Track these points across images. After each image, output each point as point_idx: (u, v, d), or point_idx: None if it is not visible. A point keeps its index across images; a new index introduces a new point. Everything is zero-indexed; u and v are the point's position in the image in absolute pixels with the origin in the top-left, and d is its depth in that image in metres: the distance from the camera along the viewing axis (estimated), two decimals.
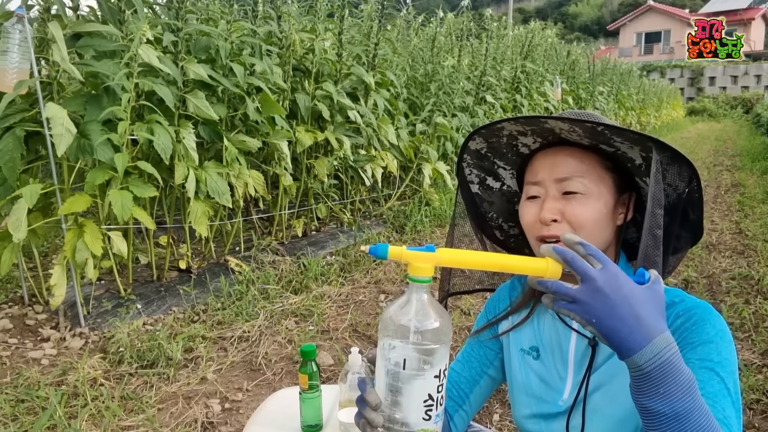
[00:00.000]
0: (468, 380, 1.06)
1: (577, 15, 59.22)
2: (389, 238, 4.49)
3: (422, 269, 0.69)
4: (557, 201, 0.87)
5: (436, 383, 0.69)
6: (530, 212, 0.89)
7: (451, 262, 0.71)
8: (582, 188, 0.86)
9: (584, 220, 0.85)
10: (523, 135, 0.92)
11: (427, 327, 0.68)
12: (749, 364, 2.52)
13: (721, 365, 0.78)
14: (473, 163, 1.02)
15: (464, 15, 6.43)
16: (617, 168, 0.90)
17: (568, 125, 0.83)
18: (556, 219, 0.86)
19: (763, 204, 6.00)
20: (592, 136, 0.85)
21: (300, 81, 3.91)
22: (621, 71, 14.28)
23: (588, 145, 0.88)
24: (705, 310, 0.85)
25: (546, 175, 0.88)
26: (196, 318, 2.97)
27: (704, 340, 0.80)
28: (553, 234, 0.86)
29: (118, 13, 2.80)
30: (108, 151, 2.55)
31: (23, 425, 2.00)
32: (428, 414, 0.70)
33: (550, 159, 0.89)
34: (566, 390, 0.93)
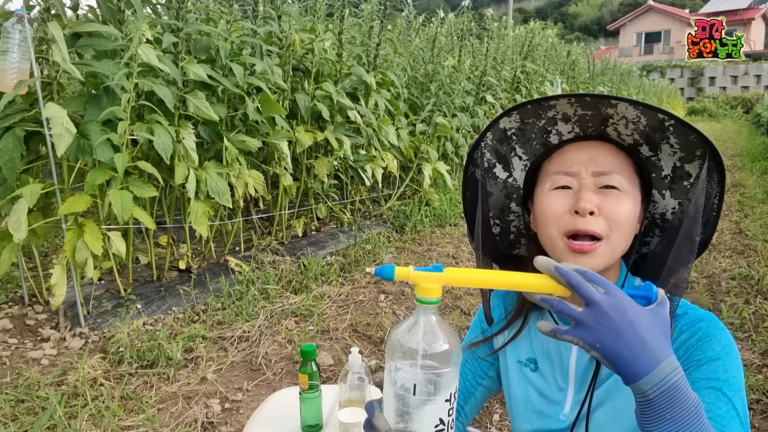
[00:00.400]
0: (462, 393, 1.03)
1: (577, 15, 59.21)
2: (389, 238, 4.49)
3: (430, 290, 0.67)
4: (594, 194, 0.82)
5: (446, 407, 0.66)
6: (560, 202, 0.83)
7: (459, 281, 0.69)
8: (620, 185, 0.82)
9: (621, 217, 0.81)
10: (565, 121, 0.86)
11: (436, 350, 0.66)
12: (749, 364, 2.52)
13: (728, 384, 0.76)
14: (491, 145, 0.93)
15: (465, 15, 6.43)
16: (642, 175, 0.87)
17: (636, 111, 0.78)
18: (594, 211, 0.80)
19: (763, 204, 6.00)
20: (650, 131, 0.81)
21: (300, 81, 3.91)
22: (621, 71, 14.29)
23: (626, 145, 0.85)
24: (710, 323, 0.82)
25: (582, 167, 0.83)
26: (196, 318, 2.97)
27: (710, 358, 0.78)
28: (589, 229, 0.80)
29: (117, 13, 2.80)
30: (108, 151, 2.55)
31: (23, 425, 2.00)
32: None
33: (588, 151, 0.84)
34: (567, 404, 0.90)
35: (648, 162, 0.86)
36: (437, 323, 0.67)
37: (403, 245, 4.39)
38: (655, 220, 0.93)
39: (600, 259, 0.81)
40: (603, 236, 0.81)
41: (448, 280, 0.68)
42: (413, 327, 0.67)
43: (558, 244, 0.84)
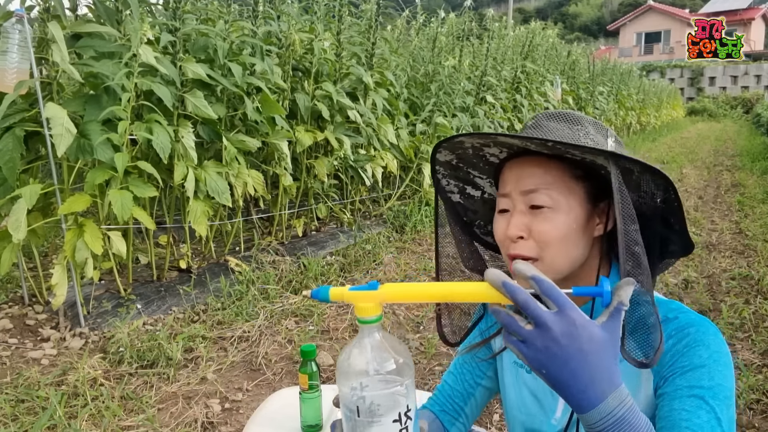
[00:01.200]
0: (461, 394, 1.03)
1: (577, 15, 59.21)
2: (389, 238, 4.49)
3: (368, 309, 0.65)
4: (524, 216, 0.81)
5: (396, 427, 0.64)
6: (500, 227, 0.84)
7: (396, 297, 0.67)
8: (549, 201, 0.80)
9: (550, 238, 0.79)
10: (487, 146, 0.86)
11: (383, 369, 0.64)
12: (749, 364, 2.52)
13: (712, 392, 0.74)
14: (448, 173, 0.95)
15: (465, 15, 6.43)
16: (589, 176, 0.83)
17: (520, 141, 0.77)
18: (522, 236, 0.80)
19: (763, 204, 6.00)
20: (550, 148, 0.79)
21: (299, 81, 3.91)
22: (621, 71, 14.28)
23: (552, 155, 0.82)
24: (699, 329, 0.80)
25: (512, 188, 0.82)
26: (196, 318, 2.97)
27: (696, 365, 0.76)
28: (519, 253, 0.80)
29: (115, 13, 2.80)
30: (108, 150, 2.55)
31: (23, 425, 2.00)
32: None
33: (517, 170, 0.83)
34: (559, 408, 0.89)
35: (585, 163, 0.82)
36: (381, 341, 0.65)
37: (403, 245, 4.39)
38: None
39: None
40: (537, 257, 0.80)
41: (384, 297, 0.65)
42: (358, 348, 0.66)
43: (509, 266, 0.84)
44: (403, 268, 3.83)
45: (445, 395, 1.05)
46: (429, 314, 3.13)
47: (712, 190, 7.09)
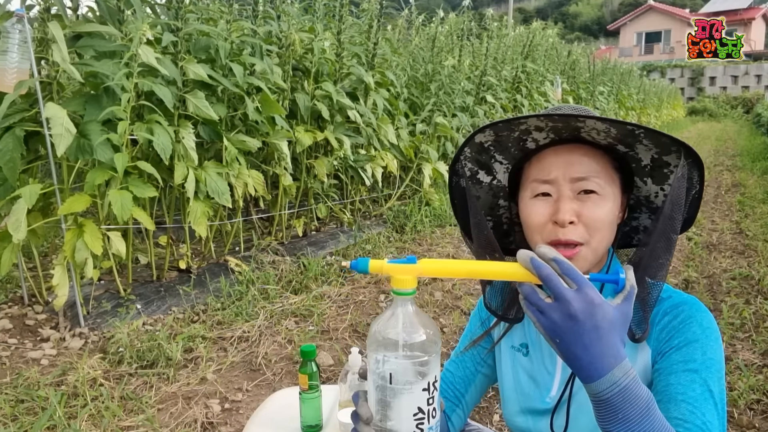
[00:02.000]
0: (463, 380, 1.06)
1: (577, 15, 59.19)
2: (389, 238, 4.49)
3: (405, 281, 0.68)
4: (573, 201, 0.83)
5: (425, 396, 0.68)
6: (540, 212, 0.85)
7: (433, 272, 0.70)
8: (599, 188, 0.83)
9: (601, 222, 0.83)
10: (539, 130, 0.87)
11: (414, 340, 0.68)
12: (749, 364, 2.52)
13: (705, 366, 0.79)
14: (471, 156, 0.96)
15: (465, 15, 6.43)
16: (622, 168, 0.89)
17: (605, 126, 0.80)
18: (573, 221, 0.83)
19: (763, 204, 6.00)
20: (621, 137, 0.82)
21: (300, 81, 3.91)
22: (621, 71, 14.28)
23: (603, 145, 0.86)
24: (692, 306, 0.85)
25: (560, 174, 0.84)
26: (195, 318, 2.97)
27: (689, 340, 0.81)
28: (569, 239, 0.83)
29: (117, 13, 2.80)
30: (108, 151, 2.55)
31: (23, 425, 2.00)
32: (419, 428, 0.69)
33: (564, 157, 0.85)
34: (554, 386, 0.93)
35: (626, 155, 0.88)
36: (414, 313, 0.69)
37: (403, 245, 4.39)
38: (641, 201, 0.96)
39: (583, 263, 0.84)
40: (584, 242, 0.83)
41: (422, 271, 0.69)
42: (391, 318, 0.69)
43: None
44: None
45: (447, 382, 1.07)
46: (429, 314, 3.13)
47: (712, 190, 7.09)
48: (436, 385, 0.69)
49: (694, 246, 4.44)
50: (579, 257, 0.83)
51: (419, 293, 3.44)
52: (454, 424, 1.05)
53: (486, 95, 6.21)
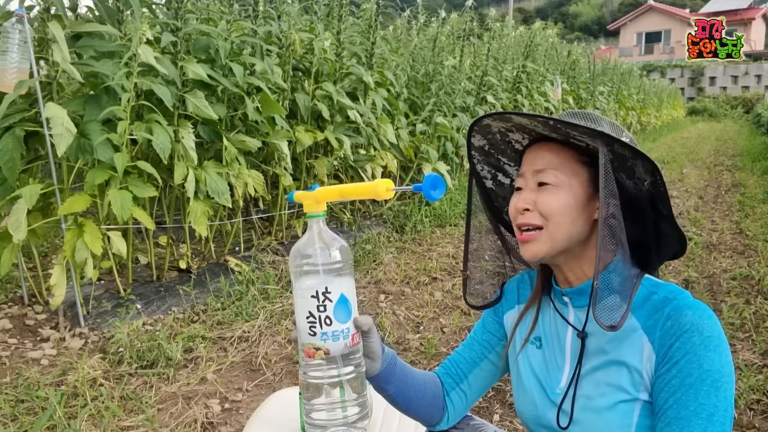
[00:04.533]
0: (468, 361, 1.10)
1: (577, 15, 59.16)
2: (389, 238, 4.49)
3: (310, 206, 0.83)
4: (533, 192, 0.93)
5: (314, 303, 0.79)
6: (513, 202, 0.96)
7: (325, 195, 0.84)
8: (553, 179, 0.91)
9: (551, 210, 0.90)
10: (511, 132, 0.99)
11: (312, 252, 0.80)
12: (749, 364, 2.52)
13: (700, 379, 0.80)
14: (482, 159, 1.07)
15: (466, 15, 6.43)
16: (594, 163, 0.91)
17: (528, 120, 0.90)
18: (528, 208, 0.92)
19: (763, 204, 6.00)
20: (549, 128, 0.91)
21: (300, 81, 3.90)
22: (621, 71, 14.27)
23: (561, 140, 0.93)
24: (695, 312, 0.85)
25: (527, 168, 0.94)
26: (195, 318, 2.97)
27: (687, 351, 0.82)
28: (524, 222, 0.92)
29: (116, 13, 2.79)
30: (107, 150, 2.55)
31: (23, 425, 2.00)
32: (312, 330, 0.79)
33: (533, 153, 0.95)
34: (563, 379, 0.96)
35: (589, 149, 0.92)
36: (322, 232, 0.82)
37: (403, 245, 4.39)
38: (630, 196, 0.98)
39: (542, 245, 0.92)
40: (541, 225, 0.92)
41: (319, 196, 0.83)
42: (306, 237, 0.82)
43: (517, 237, 0.97)
44: (403, 268, 3.83)
45: (452, 361, 1.12)
46: (429, 314, 3.13)
47: (712, 190, 7.09)
48: (329, 296, 0.79)
49: (694, 246, 4.44)
50: (537, 240, 0.92)
51: (418, 293, 3.43)
52: (453, 401, 1.09)
53: (486, 95, 6.21)
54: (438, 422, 1.08)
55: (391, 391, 0.98)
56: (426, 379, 1.06)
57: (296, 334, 0.83)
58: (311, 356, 0.79)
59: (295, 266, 0.81)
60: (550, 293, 1.03)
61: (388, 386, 0.97)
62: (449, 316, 3.11)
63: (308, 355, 0.80)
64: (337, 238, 0.82)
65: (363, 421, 0.81)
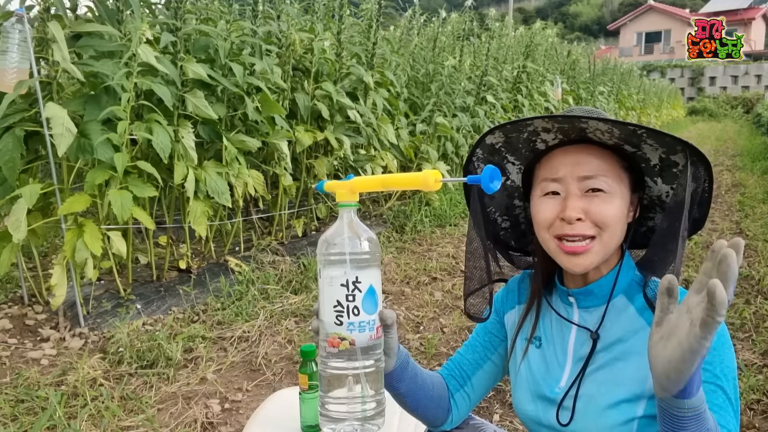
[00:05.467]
0: (471, 362, 1.10)
1: (577, 15, 59.14)
2: (389, 238, 4.49)
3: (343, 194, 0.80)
4: (580, 199, 0.87)
5: (344, 291, 0.77)
6: (549, 209, 0.90)
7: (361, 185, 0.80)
8: (606, 187, 0.87)
9: (609, 219, 0.86)
10: (547, 131, 0.92)
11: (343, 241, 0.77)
12: (749, 364, 2.52)
13: (723, 374, 0.82)
14: (483, 157, 1.02)
15: (466, 15, 6.43)
16: (631, 168, 0.91)
17: (607, 126, 0.83)
18: (581, 218, 0.86)
19: (763, 204, 6.00)
20: (625, 137, 0.85)
21: (299, 81, 3.90)
22: (621, 71, 14.27)
23: (610, 145, 0.89)
24: None
25: (567, 173, 0.88)
26: (195, 318, 2.97)
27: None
28: (577, 233, 0.87)
29: (116, 13, 2.79)
30: (108, 150, 2.55)
31: (23, 425, 2.00)
32: (339, 320, 0.77)
33: (572, 156, 0.89)
34: (564, 378, 0.96)
35: (635, 155, 0.90)
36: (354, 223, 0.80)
37: (403, 245, 4.39)
38: (653, 201, 0.98)
39: (594, 256, 0.88)
40: (596, 235, 0.88)
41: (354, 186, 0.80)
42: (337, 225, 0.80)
43: (550, 246, 0.91)
44: (403, 268, 3.83)
45: (456, 363, 1.11)
46: (429, 314, 3.13)
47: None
48: (358, 286, 0.77)
49: (694, 246, 4.44)
50: (591, 252, 0.87)
51: (418, 293, 3.43)
52: (457, 403, 1.09)
53: (486, 95, 6.21)
54: (442, 423, 1.09)
55: (402, 390, 0.97)
56: (434, 381, 1.06)
57: (318, 323, 0.81)
58: (336, 346, 0.78)
59: (322, 255, 0.79)
60: (550, 292, 1.03)
61: (400, 385, 0.96)
62: (449, 316, 3.11)
63: (333, 344, 0.78)
64: (367, 229, 0.81)
65: (379, 418, 0.80)
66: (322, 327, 0.80)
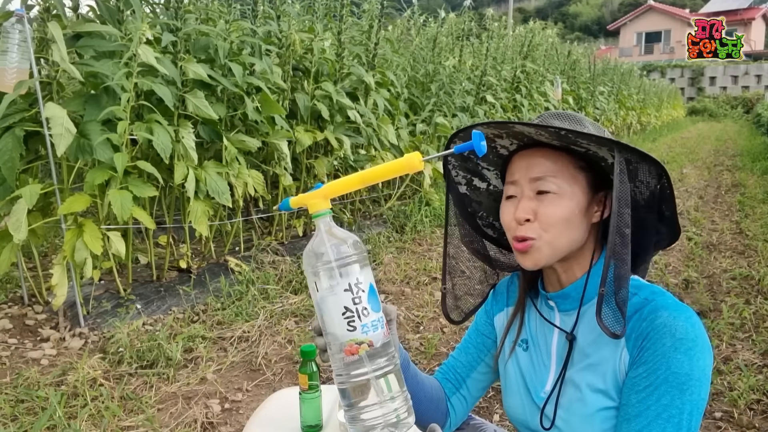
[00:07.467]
0: (465, 365, 1.11)
1: (577, 15, 59.14)
2: (389, 238, 4.49)
3: (317, 204, 0.77)
4: (531, 201, 0.89)
5: (349, 296, 0.74)
6: (507, 211, 0.93)
7: (336, 190, 0.76)
8: (554, 188, 0.88)
9: (555, 219, 0.88)
10: (499, 137, 0.95)
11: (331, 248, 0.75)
12: (749, 364, 2.52)
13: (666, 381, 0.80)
14: (458, 164, 1.04)
15: (465, 15, 6.43)
16: (591, 167, 0.91)
17: (535, 129, 0.85)
18: (529, 218, 0.89)
19: (763, 204, 6.00)
20: (558, 138, 0.87)
21: (299, 81, 3.90)
22: (621, 71, 14.27)
23: (560, 147, 0.90)
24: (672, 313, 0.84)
25: (521, 176, 0.91)
26: (195, 318, 2.97)
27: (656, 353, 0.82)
28: (524, 235, 0.89)
29: (116, 13, 2.79)
30: (107, 150, 2.54)
31: (23, 425, 2.00)
32: (351, 325, 0.74)
33: (526, 160, 0.92)
34: (549, 381, 0.96)
35: (588, 155, 0.91)
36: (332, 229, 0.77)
37: (403, 245, 4.39)
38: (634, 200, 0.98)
39: (538, 254, 0.90)
40: (536, 237, 0.89)
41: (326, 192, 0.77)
42: (315, 237, 0.77)
43: (513, 247, 0.94)
44: (403, 268, 3.83)
45: (450, 366, 1.13)
46: (429, 314, 3.12)
47: (712, 190, 7.09)
48: (361, 287, 0.74)
49: (694, 246, 4.44)
50: (533, 249, 0.89)
51: (418, 293, 3.43)
52: (455, 406, 1.10)
53: (486, 95, 6.21)
54: (441, 427, 1.08)
55: None
56: (432, 384, 1.06)
57: (323, 340, 0.78)
58: (355, 353, 0.74)
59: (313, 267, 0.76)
60: (536, 296, 1.03)
61: None
62: None
63: (351, 352, 0.75)
64: (345, 231, 0.79)
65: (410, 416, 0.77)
66: (332, 340, 0.76)
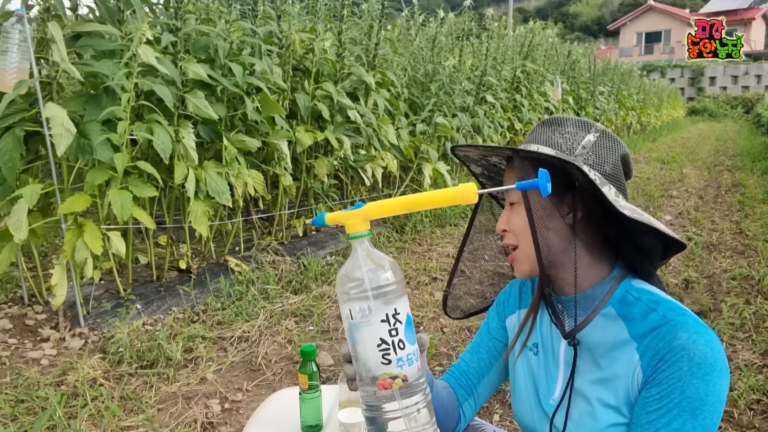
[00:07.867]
0: (477, 371, 1.10)
1: (577, 15, 59.12)
2: (389, 238, 4.49)
3: (356, 225, 0.73)
4: (507, 211, 0.95)
5: (385, 327, 0.70)
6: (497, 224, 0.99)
7: (378, 211, 0.73)
8: (517, 198, 0.92)
9: (517, 228, 0.92)
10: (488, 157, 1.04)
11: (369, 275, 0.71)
12: (749, 364, 2.52)
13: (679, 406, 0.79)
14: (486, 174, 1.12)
15: (465, 15, 6.43)
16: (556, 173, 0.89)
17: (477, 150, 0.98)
18: (505, 229, 0.95)
19: (763, 204, 6.00)
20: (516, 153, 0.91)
21: (300, 81, 3.90)
22: (621, 71, 14.26)
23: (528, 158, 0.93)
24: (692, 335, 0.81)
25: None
26: (195, 318, 2.97)
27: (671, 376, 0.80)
28: (507, 243, 0.95)
29: (117, 13, 2.79)
30: (107, 150, 2.54)
31: (23, 425, 2.00)
32: (386, 358, 0.70)
33: (507, 174, 0.98)
34: (557, 389, 0.96)
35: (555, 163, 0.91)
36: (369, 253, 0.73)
37: (403, 245, 4.39)
38: None
39: (521, 263, 0.94)
40: (516, 245, 0.94)
41: (367, 214, 0.73)
42: (352, 261, 0.74)
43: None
44: (404, 268, 3.83)
45: (461, 371, 1.11)
46: (429, 314, 3.13)
47: (712, 190, 7.09)
48: (399, 318, 0.71)
49: (694, 246, 4.44)
50: (516, 260, 0.94)
51: (418, 293, 3.43)
52: (465, 413, 1.09)
53: (486, 95, 6.21)
54: None
55: None
56: (446, 393, 1.05)
57: (352, 369, 0.74)
58: (388, 387, 0.70)
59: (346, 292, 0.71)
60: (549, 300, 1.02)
61: None
62: (448, 317, 3.11)
63: (384, 387, 0.70)
64: (384, 255, 0.74)
65: None
66: (364, 371, 0.72)
